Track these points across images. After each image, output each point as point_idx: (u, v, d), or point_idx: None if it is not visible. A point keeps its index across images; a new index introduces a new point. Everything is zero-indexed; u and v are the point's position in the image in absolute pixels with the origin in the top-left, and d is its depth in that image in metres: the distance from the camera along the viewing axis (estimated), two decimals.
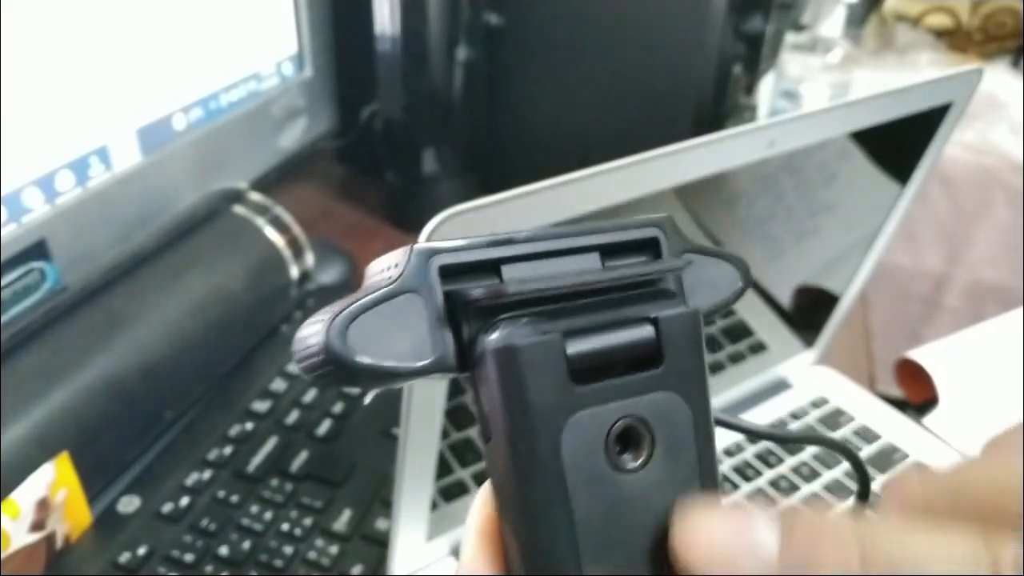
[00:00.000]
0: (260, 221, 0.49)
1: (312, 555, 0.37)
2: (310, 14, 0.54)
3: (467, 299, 0.14)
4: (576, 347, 0.14)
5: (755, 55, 0.56)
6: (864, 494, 0.20)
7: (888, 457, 0.45)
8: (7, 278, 0.36)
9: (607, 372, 0.14)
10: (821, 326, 0.50)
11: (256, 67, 0.51)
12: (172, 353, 0.42)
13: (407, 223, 0.66)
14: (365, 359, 0.13)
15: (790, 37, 0.71)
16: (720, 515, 0.13)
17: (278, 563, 0.36)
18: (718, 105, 0.56)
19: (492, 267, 0.15)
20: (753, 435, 0.19)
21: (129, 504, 0.39)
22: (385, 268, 0.14)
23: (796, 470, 0.43)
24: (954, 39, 1.04)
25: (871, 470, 0.44)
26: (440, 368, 0.14)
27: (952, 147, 0.44)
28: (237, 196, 0.50)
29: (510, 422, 0.13)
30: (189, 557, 0.36)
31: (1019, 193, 0.86)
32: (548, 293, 0.14)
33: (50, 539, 0.36)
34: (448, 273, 0.14)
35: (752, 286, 0.17)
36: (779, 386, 0.50)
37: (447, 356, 0.14)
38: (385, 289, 0.14)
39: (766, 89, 0.73)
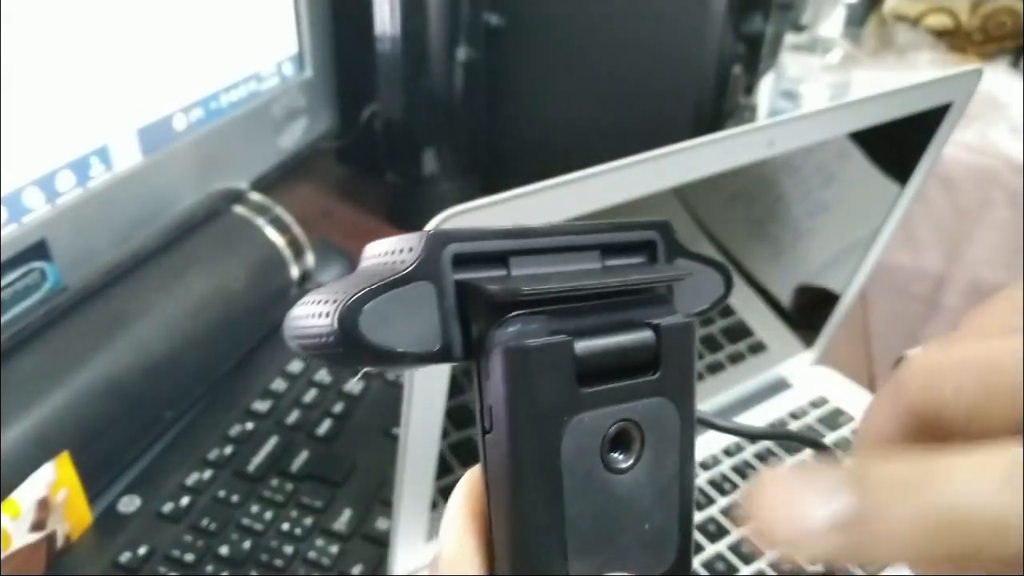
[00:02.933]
0: (260, 221, 0.49)
1: (312, 555, 0.37)
2: (310, 14, 0.54)
3: (482, 294, 0.14)
4: (584, 349, 0.14)
5: (755, 55, 0.56)
6: None
7: None
8: (8, 278, 0.36)
9: (608, 375, 0.14)
10: (821, 326, 0.50)
11: (256, 67, 0.51)
12: (173, 353, 0.42)
13: (407, 223, 0.66)
14: (375, 343, 0.13)
15: (790, 37, 0.71)
16: (788, 482, 0.13)
17: (278, 563, 0.36)
18: (718, 105, 0.56)
19: (501, 258, 0.15)
20: (733, 433, 0.19)
21: (130, 504, 0.39)
22: (393, 251, 0.14)
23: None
24: (954, 39, 1.04)
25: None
26: (446, 356, 0.14)
27: (952, 147, 0.44)
28: (237, 196, 0.50)
29: (515, 420, 0.13)
30: (189, 557, 0.36)
31: (1019, 193, 0.86)
32: (560, 294, 0.14)
33: (50, 539, 0.36)
34: (459, 261, 0.14)
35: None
36: (779, 386, 0.50)
37: (454, 345, 0.14)
38: (398, 275, 0.14)
39: (766, 89, 0.73)
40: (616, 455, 0.14)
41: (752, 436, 0.35)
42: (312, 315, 0.14)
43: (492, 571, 0.15)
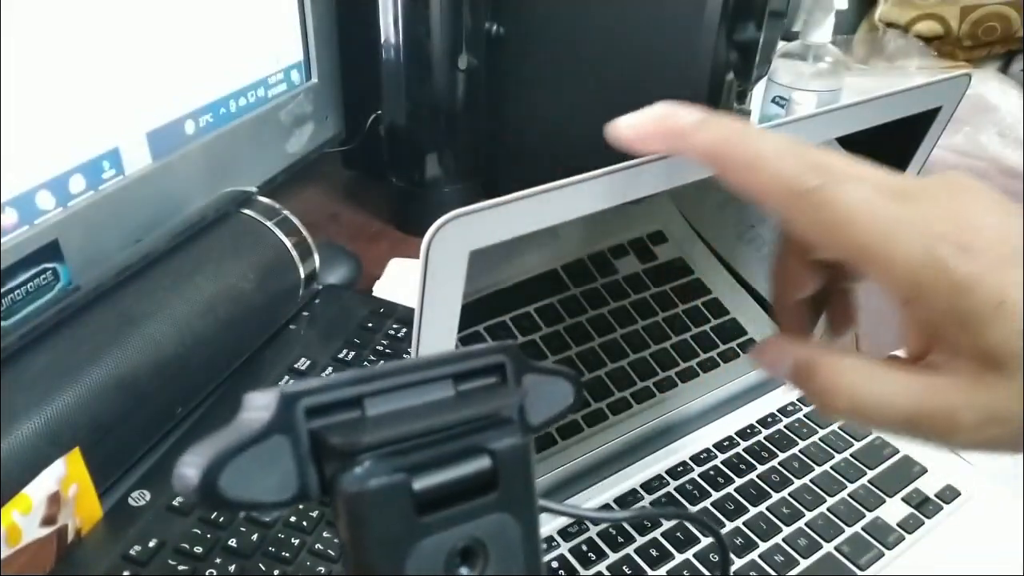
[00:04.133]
0: (269, 223, 0.50)
1: (319, 546, 0.38)
2: (316, 23, 0.55)
3: (327, 444, 0.15)
4: (422, 483, 0.15)
5: (748, 63, 0.57)
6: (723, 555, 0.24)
7: (877, 453, 0.46)
8: (21, 277, 0.37)
9: (449, 500, 0.16)
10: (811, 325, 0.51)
11: (265, 74, 0.52)
12: (183, 351, 0.43)
13: (411, 226, 0.67)
14: (233, 497, 0.15)
15: (781, 45, 0.73)
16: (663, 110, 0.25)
17: (286, 554, 0.37)
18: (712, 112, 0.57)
19: (355, 402, 0.16)
20: (594, 521, 0.21)
21: (140, 498, 0.39)
22: (259, 407, 0.16)
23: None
24: (943, 45, 1.05)
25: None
26: (303, 499, 0.16)
27: (941, 151, 0.45)
28: (246, 199, 0.51)
29: (359, 555, 0.15)
30: (199, 549, 0.37)
31: (1007, 195, 0.87)
32: (400, 435, 0.15)
33: (61, 533, 0.36)
34: (315, 412, 0.16)
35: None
36: (770, 383, 0.51)
37: (310, 489, 0.16)
38: (255, 432, 0.15)
39: (758, 96, 0.74)
40: (463, 570, 0.16)
41: (614, 521, 0.35)
42: (186, 475, 0.15)
43: None
